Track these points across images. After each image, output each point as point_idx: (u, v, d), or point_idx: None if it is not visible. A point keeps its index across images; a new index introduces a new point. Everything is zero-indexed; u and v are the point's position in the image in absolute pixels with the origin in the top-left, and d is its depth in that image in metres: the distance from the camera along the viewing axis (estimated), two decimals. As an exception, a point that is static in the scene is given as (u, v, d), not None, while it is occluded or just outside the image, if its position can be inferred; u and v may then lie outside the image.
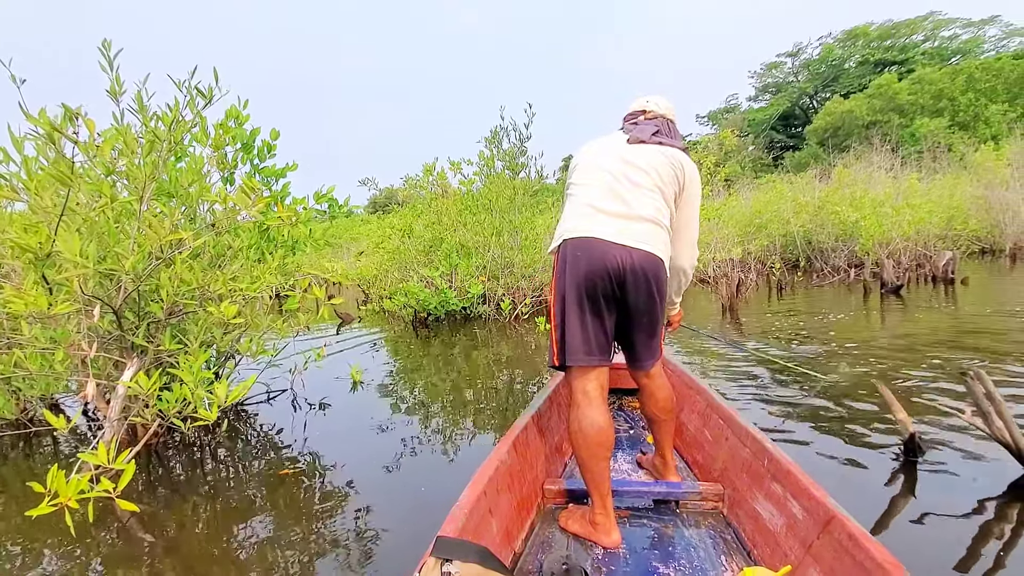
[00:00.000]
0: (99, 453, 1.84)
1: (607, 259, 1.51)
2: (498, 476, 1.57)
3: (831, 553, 1.20)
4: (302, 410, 3.61)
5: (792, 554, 1.33)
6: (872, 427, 2.64)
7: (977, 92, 24.44)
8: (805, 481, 1.39)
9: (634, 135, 1.68)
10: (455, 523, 1.27)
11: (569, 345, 1.58)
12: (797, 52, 39.89)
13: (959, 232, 11.17)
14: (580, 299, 1.56)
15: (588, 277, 1.53)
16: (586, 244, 1.54)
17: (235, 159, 3.54)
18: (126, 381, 2.31)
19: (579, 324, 1.57)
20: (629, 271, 1.52)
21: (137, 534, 2.12)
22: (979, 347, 4.11)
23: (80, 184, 1.92)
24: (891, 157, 13.85)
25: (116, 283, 2.43)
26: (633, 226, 1.55)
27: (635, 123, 1.76)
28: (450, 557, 1.10)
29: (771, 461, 1.56)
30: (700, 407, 2.19)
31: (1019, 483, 2.01)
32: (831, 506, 1.26)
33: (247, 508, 2.26)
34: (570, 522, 1.68)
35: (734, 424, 1.86)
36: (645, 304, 1.59)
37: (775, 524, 1.45)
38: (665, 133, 1.72)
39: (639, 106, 1.84)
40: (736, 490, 1.69)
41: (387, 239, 8.12)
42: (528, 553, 1.58)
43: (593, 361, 1.58)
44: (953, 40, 34.07)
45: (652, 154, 1.63)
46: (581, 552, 1.56)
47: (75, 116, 1.81)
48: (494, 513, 1.48)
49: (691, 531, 1.65)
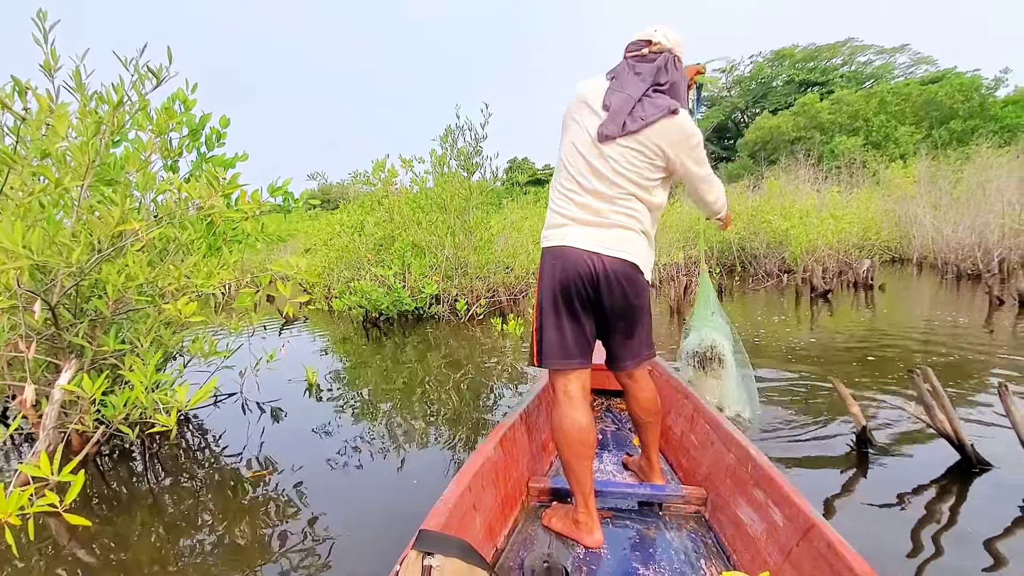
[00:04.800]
0: (41, 464, 1.66)
1: (580, 266, 1.58)
2: (483, 472, 1.57)
3: (810, 561, 1.21)
4: (252, 413, 3.43)
5: (771, 560, 1.35)
6: (824, 420, 2.83)
7: (888, 114, 26.66)
8: (787, 488, 1.41)
9: (603, 129, 1.57)
10: (438, 517, 1.26)
11: (546, 348, 1.64)
12: (730, 68, 42.18)
13: (873, 242, 12.14)
14: (556, 304, 1.62)
15: (563, 283, 1.60)
16: (561, 253, 1.61)
17: (180, 146, 3.31)
18: (64, 384, 2.10)
19: (555, 328, 1.63)
20: (602, 277, 1.58)
21: (76, 552, 1.94)
22: (907, 346, 4.49)
23: (23, 166, 1.73)
24: (814, 171, 14.89)
25: (51, 277, 2.21)
26: (605, 233, 1.60)
27: (639, 59, 1.66)
28: (432, 551, 1.10)
29: (755, 467, 1.58)
30: (687, 411, 2.21)
31: (956, 467, 2.24)
32: (811, 514, 1.28)
33: (195, 519, 2.13)
34: (553, 520, 1.69)
35: (720, 429, 1.88)
36: (620, 308, 1.63)
37: (756, 530, 1.46)
38: (661, 80, 1.63)
39: (645, 35, 1.71)
40: (719, 495, 1.71)
41: (336, 236, 7.85)
42: (510, 550, 1.58)
43: (572, 364, 1.63)
44: (868, 65, 37.14)
45: (624, 154, 1.58)
46: (563, 551, 1.57)
47: (26, 90, 1.63)
48: (478, 508, 1.48)
49: (673, 534, 1.66)
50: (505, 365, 4.52)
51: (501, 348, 5.18)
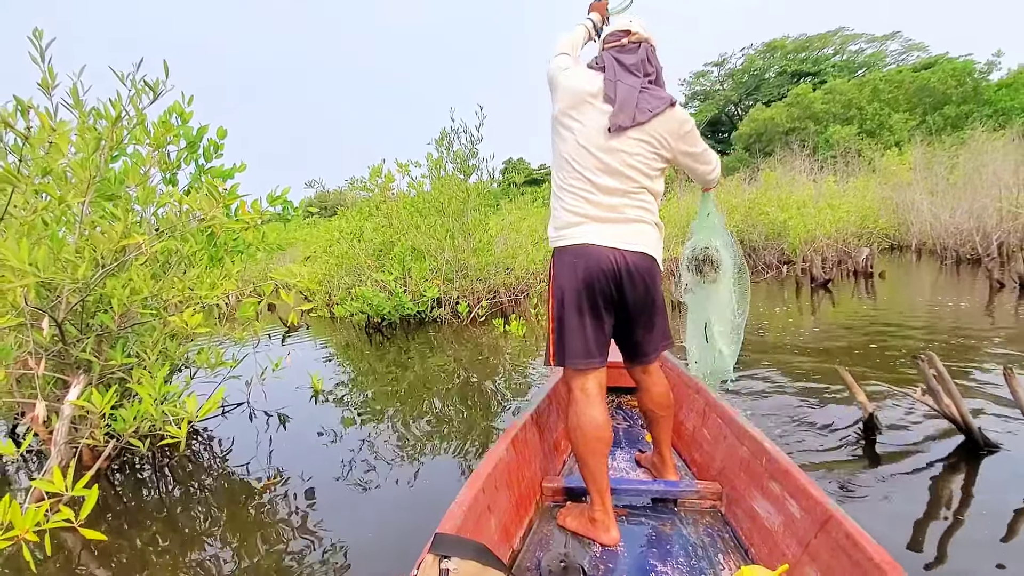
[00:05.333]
0: (55, 479, 1.67)
1: (603, 263, 1.57)
2: (496, 473, 1.57)
3: (828, 552, 1.20)
4: (260, 421, 3.44)
5: (789, 553, 1.33)
6: (830, 408, 2.84)
7: (881, 102, 26.70)
8: (803, 480, 1.40)
9: (615, 119, 1.56)
10: (453, 520, 1.25)
11: (568, 348, 1.62)
12: (722, 62, 42.21)
13: (871, 230, 12.16)
14: (579, 304, 1.60)
15: (587, 281, 1.58)
16: (583, 251, 1.59)
17: (179, 158, 3.32)
18: (74, 400, 2.11)
19: (578, 327, 1.61)
20: (624, 272, 1.58)
21: (90, 566, 1.95)
22: (910, 332, 4.50)
23: (26, 185, 1.73)
24: (810, 161, 14.90)
25: (56, 294, 2.22)
26: (623, 228, 1.60)
27: (620, 49, 1.68)
28: (448, 554, 1.10)
29: (769, 460, 1.57)
30: (699, 406, 2.21)
31: (963, 449, 2.25)
32: (829, 505, 1.27)
33: (207, 530, 2.14)
34: (568, 520, 1.69)
35: (732, 423, 1.87)
36: (642, 302, 1.65)
37: (773, 523, 1.45)
38: (648, 71, 1.66)
39: (623, 26, 1.73)
40: (734, 489, 1.71)
41: (336, 243, 7.85)
42: (526, 550, 1.58)
43: (594, 363, 1.62)
44: (859, 54, 37.14)
45: (634, 148, 1.58)
46: (579, 550, 1.57)
47: (28, 109, 1.64)
48: (492, 510, 1.48)
49: (689, 529, 1.66)
50: (509, 365, 4.53)
51: (504, 348, 5.19)
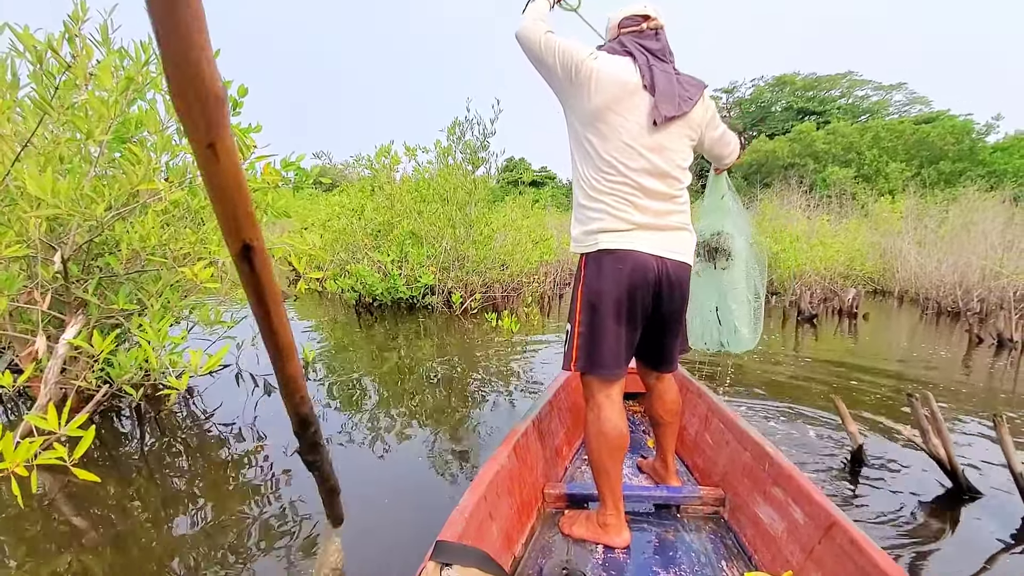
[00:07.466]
0: (49, 416, 1.64)
1: (648, 272, 1.52)
2: (498, 480, 1.53)
3: (833, 559, 1.19)
4: (247, 386, 3.40)
5: (793, 559, 1.33)
6: (817, 437, 2.89)
7: (881, 149, 27.24)
8: (807, 486, 1.40)
9: (661, 110, 1.48)
10: (455, 527, 1.23)
11: (599, 355, 1.56)
12: (732, 89, 42.68)
13: (858, 272, 12.40)
14: (618, 311, 1.54)
15: (629, 289, 1.52)
16: (628, 257, 1.52)
17: (197, 111, 3.27)
18: (70, 339, 2.07)
19: (613, 335, 1.55)
20: (665, 282, 1.55)
21: (65, 512, 1.92)
22: (896, 372, 4.60)
23: (56, 115, 1.69)
24: (806, 198, 15.17)
25: (66, 230, 2.17)
26: (668, 237, 1.57)
27: (639, 35, 1.58)
28: (450, 562, 1.09)
29: (772, 465, 1.57)
30: (701, 411, 2.20)
31: (946, 493, 2.28)
32: (832, 511, 1.27)
33: (188, 488, 2.13)
34: (575, 527, 1.65)
35: (735, 428, 1.87)
36: (676, 311, 1.63)
37: (776, 529, 1.45)
38: (671, 59, 1.59)
39: (639, 10, 1.60)
40: (737, 495, 1.70)
41: (335, 217, 7.78)
42: (528, 557, 1.56)
43: (622, 372, 1.59)
44: (865, 100, 37.87)
45: (676, 143, 1.53)
46: (581, 557, 1.56)
47: (75, 36, 1.60)
48: (494, 517, 1.45)
49: (692, 536, 1.65)
50: (497, 361, 4.54)
51: (492, 342, 5.20)
